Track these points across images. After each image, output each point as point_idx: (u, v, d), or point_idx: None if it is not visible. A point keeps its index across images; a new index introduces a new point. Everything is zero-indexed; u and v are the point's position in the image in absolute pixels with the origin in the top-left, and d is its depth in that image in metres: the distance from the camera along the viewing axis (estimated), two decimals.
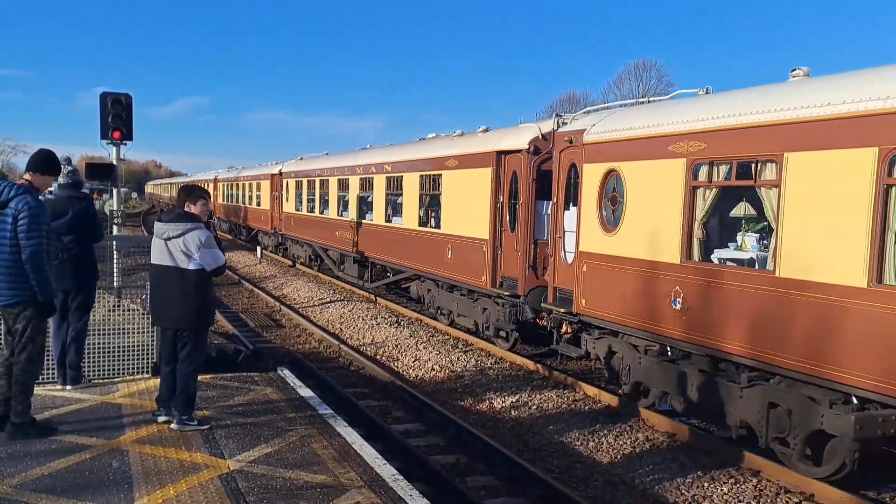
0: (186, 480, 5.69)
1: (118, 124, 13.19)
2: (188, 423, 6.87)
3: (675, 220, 8.96)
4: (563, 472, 8.28)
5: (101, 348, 8.62)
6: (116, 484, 5.58)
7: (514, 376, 12.30)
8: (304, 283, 23.77)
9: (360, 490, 5.61)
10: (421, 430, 9.64)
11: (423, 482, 7.22)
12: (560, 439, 9.32)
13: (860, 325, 6.83)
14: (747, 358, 8.05)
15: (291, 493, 5.52)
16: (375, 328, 16.34)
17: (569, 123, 11.82)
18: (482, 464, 8.40)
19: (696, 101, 9.49)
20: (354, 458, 6.32)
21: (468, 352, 13.89)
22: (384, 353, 14.26)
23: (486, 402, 10.92)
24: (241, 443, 6.59)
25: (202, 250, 6.72)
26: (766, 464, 8.14)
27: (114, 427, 6.91)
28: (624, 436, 9.37)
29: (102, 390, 8.14)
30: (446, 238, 15.40)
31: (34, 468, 5.83)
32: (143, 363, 8.79)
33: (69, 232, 7.88)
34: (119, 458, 6.13)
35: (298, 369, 11.34)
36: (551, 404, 10.70)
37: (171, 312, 6.86)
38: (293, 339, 15.91)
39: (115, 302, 10.18)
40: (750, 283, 8.06)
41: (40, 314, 6.47)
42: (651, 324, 9.39)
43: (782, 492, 7.67)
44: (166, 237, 6.77)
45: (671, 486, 7.83)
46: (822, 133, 7.25)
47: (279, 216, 31.23)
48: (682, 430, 9.30)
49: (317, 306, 19.70)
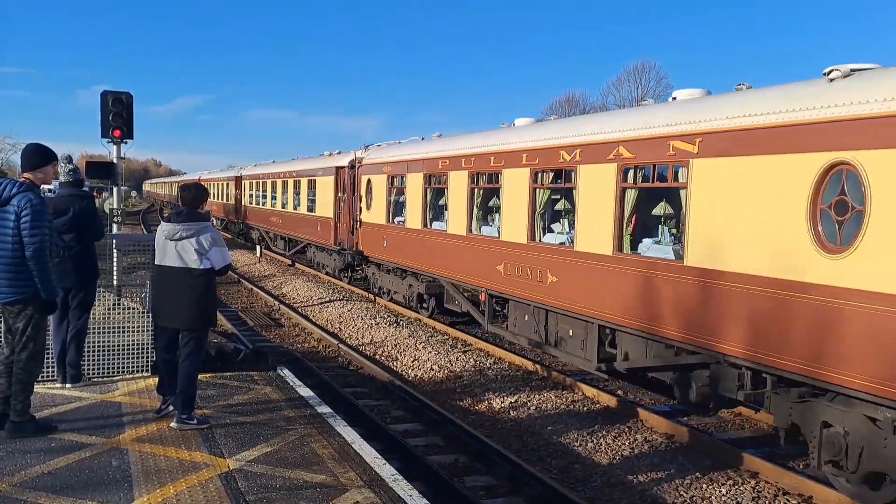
0: (186, 479, 5.70)
1: (119, 123, 13.19)
2: (188, 422, 6.88)
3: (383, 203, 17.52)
4: (561, 473, 8.30)
5: (101, 347, 8.63)
6: (116, 482, 5.58)
7: (512, 376, 12.31)
8: (303, 282, 23.77)
9: (359, 490, 5.62)
10: (420, 430, 9.66)
11: (421, 482, 7.24)
12: (559, 439, 9.34)
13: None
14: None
15: (291, 492, 5.52)
16: (374, 328, 16.35)
17: (366, 152, 20.77)
18: (481, 464, 8.42)
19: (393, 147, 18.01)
20: (354, 457, 6.33)
21: (467, 352, 13.90)
22: (383, 353, 14.27)
23: (485, 403, 10.94)
24: (241, 442, 6.60)
25: (213, 248, 6.82)
26: (765, 465, 8.16)
27: (113, 425, 6.92)
28: (622, 436, 9.38)
29: (102, 389, 8.14)
30: (317, 218, 24.64)
31: (34, 466, 5.84)
32: (142, 361, 8.80)
33: (70, 230, 7.89)
34: (119, 456, 6.14)
35: (298, 368, 11.36)
36: (550, 405, 10.71)
37: (177, 313, 6.88)
38: (292, 338, 15.92)
39: (115, 300, 10.19)
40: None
41: (41, 312, 6.47)
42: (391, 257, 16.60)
43: (780, 493, 7.69)
44: (178, 237, 6.77)
45: (669, 488, 7.85)
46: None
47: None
48: (681, 432, 9.32)
49: (316, 305, 19.71)
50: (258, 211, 34.67)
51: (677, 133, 9.05)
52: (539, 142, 12.03)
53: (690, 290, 8.77)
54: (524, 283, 12.26)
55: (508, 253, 12.73)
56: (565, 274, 11.23)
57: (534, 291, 12.01)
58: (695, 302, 8.68)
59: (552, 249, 11.67)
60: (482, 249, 13.69)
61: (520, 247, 12.38)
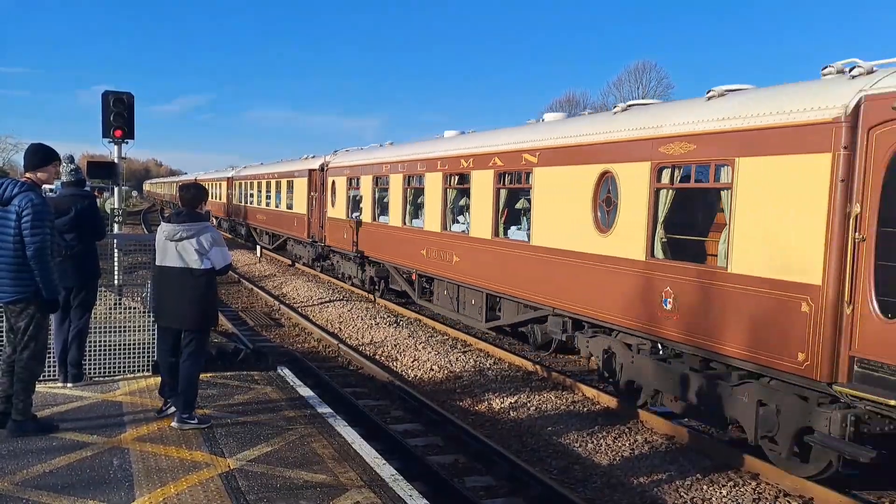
0: (187, 479, 5.72)
1: (120, 123, 13.22)
2: (189, 422, 6.89)
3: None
4: (561, 473, 8.30)
5: (103, 346, 8.64)
6: (117, 482, 5.60)
7: (512, 377, 12.32)
8: (303, 282, 23.78)
9: (359, 490, 5.63)
10: (420, 430, 9.67)
11: (421, 482, 7.25)
12: (558, 440, 9.35)
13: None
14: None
15: (291, 492, 5.54)
16: (374, 328, 16.36)
17: (333, 157, 22.91)
18: (481, 464, 8.43)
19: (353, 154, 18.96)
20: (354, 457, 6.35)
21: (467, 352, 13.91)
22: (383, 353, 14.28)
23: (485, 403, 10.95)
24: (242, 441, 6.62)
25: (214, 248, 6.82)
26: (766, 467, 8.17)
27: (114, 425, 6.93)
28: (623, 437, 9.39)
29: (103, 388, 8.16)
30: (293, 215, 27.81)
31: (35, 465, 5.85)
32: (143, 361, 8.81)
33: (72, 230, 7.90)
34: (120, 455, 6.15)
35: (298, 368, 11.37)
36: (550, 405, 10.72)
37: (179, 313, 6.89)
38: (292, 338, 15.93)
39: (116, 300, 10.20)
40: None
41: (43, 311, 6.49)
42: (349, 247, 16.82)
43: (781, 495, 7.70)
44: (178, 238, 6.78)
45: (670, 489, 7.85)
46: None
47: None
48: (681, 433, 9.33)
49: (316, 306, 19.72)
50: (248, 209, 38.10)
51: (527, 148, 12.39)
52: (448, 151, 15.47)
53: (535, 264, 12.05)
54: (441, 264, 15.63)
55: (430, 240, 16.09)
56: (465, 255, 14.57)
57: (447, 270, 15.36)
58: (539, 272, 11.93)
59: (456, 236, 15.00)
60: (413, 238, 17.05)
61: (437, 235, 15.77)
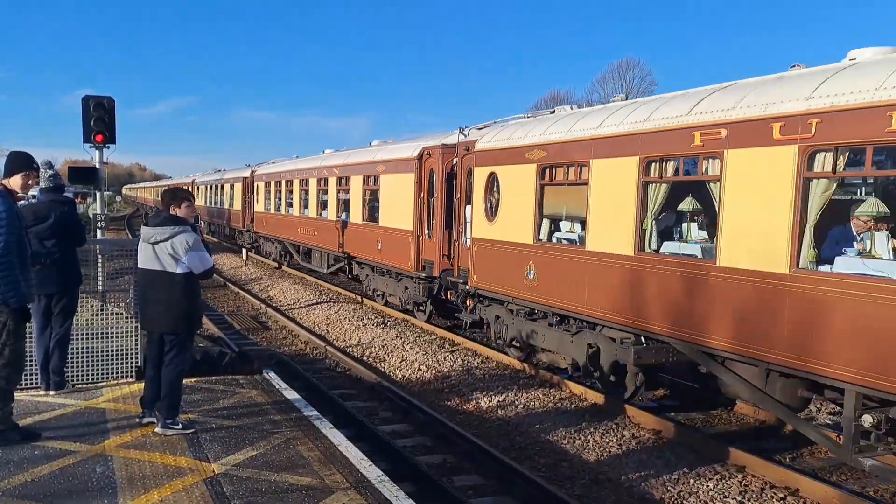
0: (171, 485, 5.67)
1: (101, 128, 13.16)
2: (172, 427, 6.83)
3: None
4: (549, 471, 8.30)
5: (85, 353, 8.56)
6: (100, 490, 5.54)
7: (500, 376, 12.32)
8: (290, 284, 23.70)
9: (345, 492, 5.60)
10: (408, 431, 9.64)
11: (410, 482, 7.23)
12: (546, 437, 9.35)
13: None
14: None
15: (277, 495, 5.50)
16: (362, 329, 16.32)
17: (258, 167, 27.89)
18: (469, 463, 8.41)
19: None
20: (340, 459, 6.32)
21: (455, 352, 13.91)
22: (371, 354, 14.25)
23: (473, 402, 10.94)
24: (226, 446, 6.57)
25: (190, 253, 6.68)
26: (752, 459, 8.20)
27: (98, 432, 6.86)
28: (610, 433, 9.41)
29: (86, 395, 8.08)
30: (228, 210, 38.29)
31: (17, 475, 5.78)
32: (126, 367, 8.74)
33: (52, 236, 7.80)
34: (103, 463, 6.09)
35: (284, 371, 11.32)
36: (537, 403, 10.73)
37: (159, 316, 6.82)
38: (279, 340, 15.86)
39: (98, 306, 10.11)
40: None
41: (16, 318, 6.40)
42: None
43: (767, 487, 7.73)
44: (154, 241, 6.73)
45: (657, 483, 7.87)
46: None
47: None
48: (668, 427, 9.36)
49: (303, 308, 19.66)
50: (210, 209, 45.71)
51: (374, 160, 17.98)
52: (364, 157, 19.94)
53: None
54: (308, 237, 21.21)
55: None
56: (320, 230, 19.25)
57: (310, 240, 20.75)
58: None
59: (322, 219, 20.37)
60: (326, 226, 22.14)
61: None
